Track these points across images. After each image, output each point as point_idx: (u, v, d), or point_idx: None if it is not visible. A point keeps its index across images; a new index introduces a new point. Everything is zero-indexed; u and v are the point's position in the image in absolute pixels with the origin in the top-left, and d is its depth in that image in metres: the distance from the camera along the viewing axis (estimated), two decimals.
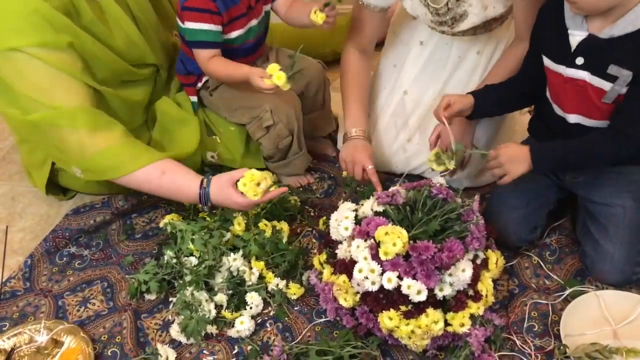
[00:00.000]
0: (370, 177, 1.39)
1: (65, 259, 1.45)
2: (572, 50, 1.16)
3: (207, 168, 1.55)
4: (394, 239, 1.08)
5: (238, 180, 1.26)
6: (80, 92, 1.27)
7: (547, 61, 1.22)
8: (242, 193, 1.26)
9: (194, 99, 1.55)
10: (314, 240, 1.45)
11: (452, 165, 1.30)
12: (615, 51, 1.11)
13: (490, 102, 1.34)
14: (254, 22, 1.47)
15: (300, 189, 1.60)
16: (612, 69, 1.11)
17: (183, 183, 1.30)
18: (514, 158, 1.20)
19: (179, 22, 1.41)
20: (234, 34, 1.44)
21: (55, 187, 1.60)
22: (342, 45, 2.03)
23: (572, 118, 1.22)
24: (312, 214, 1.53)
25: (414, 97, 1.55)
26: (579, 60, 1.15)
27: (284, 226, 1.42)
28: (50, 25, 1.21)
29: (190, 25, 1.37)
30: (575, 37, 1.15)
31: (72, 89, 1.26)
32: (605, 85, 1.13)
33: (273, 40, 1.74)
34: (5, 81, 1.23)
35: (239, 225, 1.36)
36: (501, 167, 1.21)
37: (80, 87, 1.28)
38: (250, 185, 1.24)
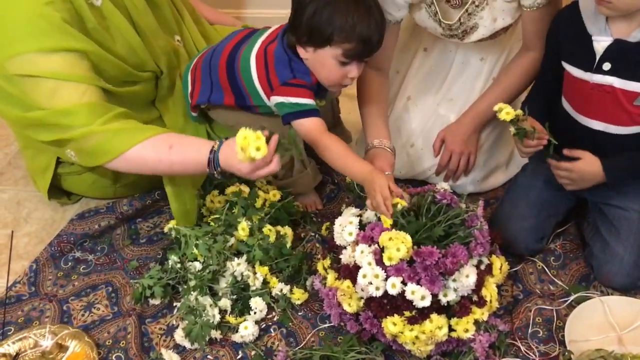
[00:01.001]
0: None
1: (70, 263, 1.45)
2: (599, 57, 1.15)
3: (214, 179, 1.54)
4: (397, 244, 1.08)
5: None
6: (87, 92, 1.25)
7: (570, 69, 1.21)
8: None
9: (194, 114, 1.53)
10: (317, 245, 1.45)
11: None
12: None
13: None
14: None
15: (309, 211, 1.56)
16: None
17: (193, 151, 1.22)
18: (586, 176, 1.22)
19: (276, 98, 1.33)
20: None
21: (59, 191, 1.60)
22: None
23: (597, 125, 1.21)
24: (314, 219, 1.53)
25: (417, 102, 1.55)
26: (606, 66, 1.14)
27: (287, 231, 1.42)
28: (56, 30, 1.21)
29: (298, 100, 1.30)
30: (601, 43, 1.14)
31: (78, 91, 1.24)
32: (638, 86, 1.13)
33: None
34: (11, 85, 1.23)
35: (243, 230, 1.36)
36: (572, 182, 1.24)
37: (86, 88, 1.26)
38: (247, 147, 1.09)
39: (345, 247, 1.20)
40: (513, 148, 1.59)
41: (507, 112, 1.15)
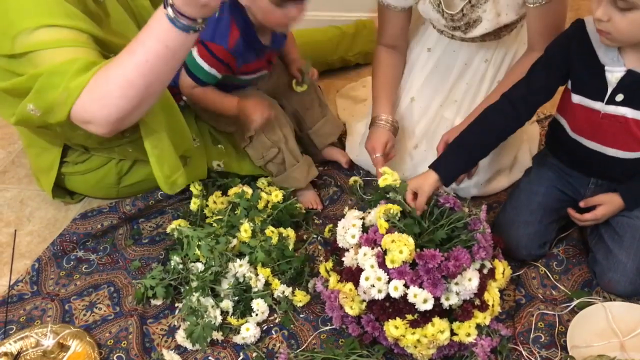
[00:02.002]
0: (375, 165, 1.39)
1: (72, 263, 1.45)
2: (612, 88, 1.13)
3: (213, 174, 1.55)
4: (400, 246, 1.08)
5: None
6: (82, 52, 1.17)
7: (579, 99, 1.19)
8: None
9: (181, 103, 1.51)
10: (319, 247, 1.45)
11: None
12: None
13: (456, 167, 1.27)
14: (264, 72, 1.51)
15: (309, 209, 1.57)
16: None
17: (151, 20, 1.06)
18: (611, 214, 1.26)
19: (192, 50, 1.36)
20: (243, 78, 1.48)
21: (63, 190, 1.61)
22: (349, 52, 2.05)
23: (606, 150, 1.21)
24: (316, 221, 1.53)
25: (421, 104, 1.55)
26: (619, 97, 1.13)
27: (290, 233, 1.42)
28: (62, 9, 1.17)
29: (200, 61, 1.37)
30: (614, 74, 1.12)
31: (76, 53, 1.16)
32: None
33: None
34: (15, 64, 1.19)
35: (245, 232, 1.37)
36: (596, 222, 1.29)
37: (86, 51, 1.18)
38: None
39: (347, 250, 1.20)
40: (517, 152, 1.59)
41: (383, 179, 1.21)
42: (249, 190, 1.48)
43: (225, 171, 1.56)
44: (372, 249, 1.13)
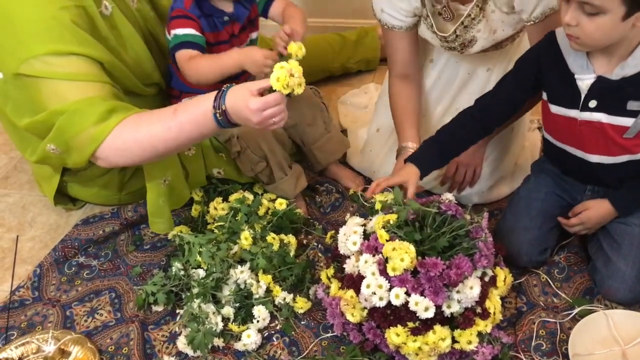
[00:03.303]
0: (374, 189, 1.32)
1: (74, 268, 1.45)
2: (584, 95, 1.14)
3: (214, 180, 1.55)
4: (401, 254, 1.08)
5: (262, 94, 1.10)
6: (94, 89, 1.22)
7: (555, 108, 1.21)
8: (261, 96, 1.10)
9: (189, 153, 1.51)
10: (319, 255, 1.45)
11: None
12: (631, 88, 1.10)
13: (431, 160, 1.28)
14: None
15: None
16: (632, 105, 1.11)
17: (199, 103, 1.14)
18: (600, 220, 1.27)
19: (167, 36, 1.39)
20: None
21: (65, 197, 1.61)
22: (351, 60, 2.05)
23: (594, 158, 1.21)
24: (316, 225, 1.53)
25: (425, 113, 1.55)
26: (592, 103, 1.14)
27: (291, 240, 1.42)
28: (69, 34, 1.19)
29: (175, 31, 1.35)
30: (584, 81, 1.13)
31: (89, 90, 1.21)
32: (626, 121, 1.13)
33: None
34: (21, 89, 1.22)
35: (246, 239, 1.37)
36: (589, 229, 1.29)
37: (95, 85, 1.22)
38: (282, 74, 1.06)
39: (349, 257, 1.20)
40: (517, 159, 1.59)
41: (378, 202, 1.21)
42: (249, 196, 1.49)
43: (226, 178, 1.56)
44: (374, 256, 1.13)
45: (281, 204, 1.47)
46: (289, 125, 1.60)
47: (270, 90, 1.10)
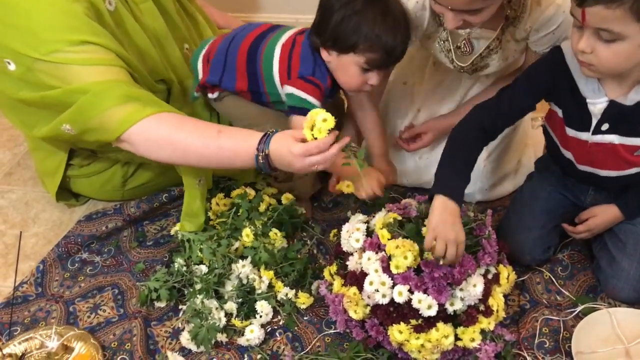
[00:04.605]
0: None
1: (77, 264, 1.46)
2: (596, 120, 1.12)
3: (215, 177, 1.55)
4: (405, 252, 1.08)
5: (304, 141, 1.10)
6: (114, 72, 1.23)
7: (569, 131, 1.19)
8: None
9: (197, 94, 1.52)
10: (314, 252, 1.44)
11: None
12: None
13: (462, 186, 1.16)
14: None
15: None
16: None
17: (245, 138, 1.15)
18: (606, 225, 1.26)
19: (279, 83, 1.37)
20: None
21: (67, 193, 1.61)
22: None
23: (602, 172, 1.21)
24: (312, 224, 1.51)
25: (427, 113, 1.53)
26: (605, 126, 1.12)
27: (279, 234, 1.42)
28: (84, 25, 1.21)
29: (305, 96, 1.32)
30: (597, 105, 1.11)
31: (107, 73, 1.22)
32: (638, 141, 1.12)
33: None
34: (42, 77, 1.21)
35: (247, 237, 1.37)
36: (593, 234, 1.29)
37: (118, 70, 1.24)
38: (319, 122, 1.06)
39: (352, 254, 1.20)
40: (520, 156, 1.59)
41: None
42: (251, 192, 1.49)
43: (230, 177, 1.56)
44: (377, 253, 1.13)
45: (287, 198, 1.47)
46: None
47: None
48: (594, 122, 1.13)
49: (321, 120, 1.06)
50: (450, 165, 1.16)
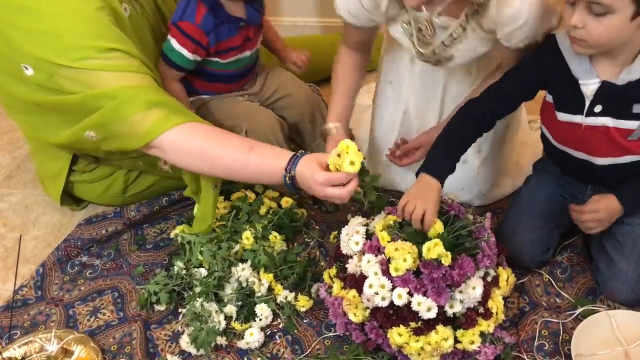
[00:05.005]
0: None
1: (76, 268, 1.46)
2: (589, 101, 1.13)
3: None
4: (404, 254, 1.08)
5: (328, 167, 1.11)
6: (138, 79, 1.24)
7: (562, 115, 1.20)
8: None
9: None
10: (317, 254, 1.45)
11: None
12: (637, 92, 1.09)
13: (450, 166, 1.22)
14: (246, 54, 1.50)
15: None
16: (638, 108, 1.10)
17: (275, 156, 1.18)
18: (611, 213, 1.22)
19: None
20: (222, 61, 1.47)
21: (68, 197, 1.61)
22: None
23: (598, 160, 1.21)
24: (316, 226, 1.52)
25: (417, 116, 1.50)
26: (597, 108, 1.13)
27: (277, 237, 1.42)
28: (109, 31, 1.22)
29: (173, 42, 1.39)
30: (589, 86, 1.12)
31: (133, 79, 1.23)
32: (632, 124, 1.13)
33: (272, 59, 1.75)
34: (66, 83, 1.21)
35: (247, 240, 1.37)
36: (599, 223, 1.23)
37: (142, 77, 1.24)
38: (344, 152, 1.08)
39: (351, 257, 1.20)
40: (519, 158, 1.59)
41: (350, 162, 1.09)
42: (251, 195, 1.49)
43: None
44: (376, 256, 1.13)
45: (287, 202, 1.47)
46: (290, 122, 1.61)
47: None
48: (587, 103, 1.14)
49: (349, 163, 1.07)
50: (441, 149, 1.22)
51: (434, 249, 1.07)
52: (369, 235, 1.19)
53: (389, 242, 1.12)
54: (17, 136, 1.91)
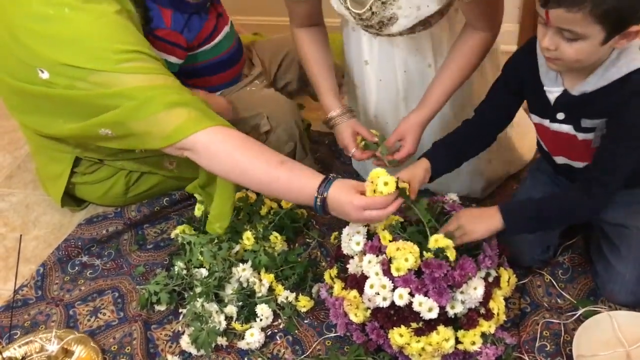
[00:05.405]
0: (361, 158, 1.29)
1: (77, 268, 1.46)
2: (552, 106, 1.14)
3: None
4: (405, 254, 1.08)
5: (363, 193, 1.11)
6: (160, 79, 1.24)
7: (533, 117, 1.21)
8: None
9: None
10: (318, 254, 1.44)
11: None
12: (586, 106, 1.10)
13: (445, 159, 1.24)
14: (226, 29, 1.52)
15: None
16: (585, 122, 1.11)
17: (306, 176, 1.16)
18: (475, 217, 1.14)
19: None
20: (210, 47, 1.50)
21: (69, 197, 1.61)
22: None
23: (576, 164, 1.21)
24: (317, 227, 1.52)
25: (387, 119, 1.46)
26: (560, 115, 1.14)
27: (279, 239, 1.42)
28: (129, 33, 1.23)
29: (160, 53, 1.37)
30: (553, 93, 1.13)
31: (156, 79, 1.23)
32: (588, 136, 1.13)
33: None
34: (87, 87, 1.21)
35: (247, 240, 1.37)
36: (460, 228, 1.12)
37: (164, 78, 1.24)
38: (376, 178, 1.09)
39: (352, 257, 1.19)
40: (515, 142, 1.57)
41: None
42: (252, 195, 1.49)
43: None
44: (377, 256, 1.13)
45: (288, 203, 1.47)
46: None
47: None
48: (551, 110, 1.15)
49: (383, 183, 1.07)
50: (448, 146, 1.25)
51: (442, 240, 1.07)
52: (370, 236, 1.19)
53: (390, 241, 1.12)
54: (18, 136, 1.91)
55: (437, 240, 1.08)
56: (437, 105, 1.27)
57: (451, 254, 1.07)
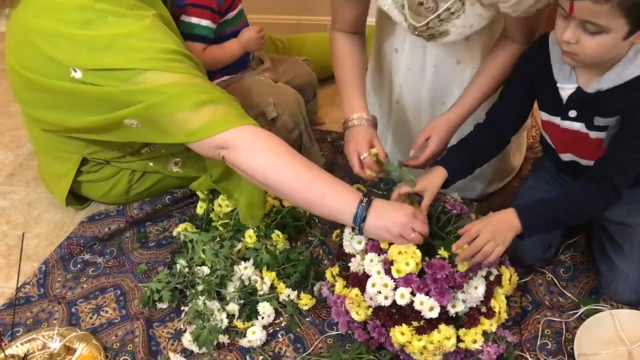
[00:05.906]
0: (369, 167, 1.24)
1: (79, 266, 1.46)
2: (564, 103, 1.14)
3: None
4: (407, 258, 1.08)
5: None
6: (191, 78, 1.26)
7: (544, 115, 1.21)
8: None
9: None
10: (320, 252, 1.45)
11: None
12: (600, 104, 1.09)
13: (461, 163, 1.23)
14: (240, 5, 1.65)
15: None
16: (598, 121, 1.10)
17: (346, 195, 1.17)
18: (500, 226, 1.09)
19: (183, 18, 1.54)
20: (234, 14, 1.62)
21: (72, 195, 1.61)
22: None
23: (583, 162, 1.21)
24: (319, 225, 1.52)
25: (408, 107, 1.47)
26: (572, 113, 1.14)
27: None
28: (166, 35, 1.27)
29: (192, 19, 1.53)
30: (566, 90, 1.13)
31: (186, 78, 1.25)
32: (600, 134, 1.13)
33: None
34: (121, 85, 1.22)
35: (249, 238, 1.37)
36: (490, 242, 1.07)
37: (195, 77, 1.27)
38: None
39: (354, 255, 1.20)
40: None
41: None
42: None
43: None
44: (379, 255, 1.13)
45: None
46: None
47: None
48: (563, 107, 1.15)
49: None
50: (462, 150, 1.25)
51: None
52: None
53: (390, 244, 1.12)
54: (20, 134, 1.91)
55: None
56: (468, 109, 1.29)
57: (462, 267, 1.08)
